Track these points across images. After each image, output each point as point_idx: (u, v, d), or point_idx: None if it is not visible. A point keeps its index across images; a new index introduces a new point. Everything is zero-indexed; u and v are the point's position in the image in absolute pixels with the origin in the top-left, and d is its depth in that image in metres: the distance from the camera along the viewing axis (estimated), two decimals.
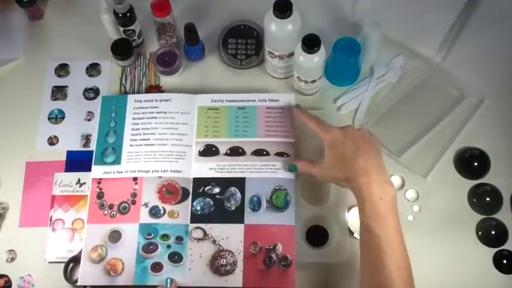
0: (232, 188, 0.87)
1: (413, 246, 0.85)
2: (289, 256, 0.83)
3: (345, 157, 0.78)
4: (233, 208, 0.86)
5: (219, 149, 0.90)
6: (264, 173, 0.88)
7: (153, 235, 0.85)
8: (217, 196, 0.87)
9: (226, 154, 0.90)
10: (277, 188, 0.87)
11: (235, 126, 0.92)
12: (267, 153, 0.89)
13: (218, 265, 0.83)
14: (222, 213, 0.86)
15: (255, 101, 0.93)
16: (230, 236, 0.84)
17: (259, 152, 0.89)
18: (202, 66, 1.01)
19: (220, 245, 0.84)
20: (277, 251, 0.83)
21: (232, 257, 0.83)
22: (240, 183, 0.87)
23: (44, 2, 1.07)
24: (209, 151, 0.90)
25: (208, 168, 0.89)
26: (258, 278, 0.82)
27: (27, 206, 0.90)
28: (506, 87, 0.96)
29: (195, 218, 0.86)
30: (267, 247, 0.84)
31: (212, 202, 0.87)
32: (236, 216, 0.86)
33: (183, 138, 0.91)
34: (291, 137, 0.90)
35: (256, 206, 0.86)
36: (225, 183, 0.88)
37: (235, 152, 0.90)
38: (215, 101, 0.94)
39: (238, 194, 0.87)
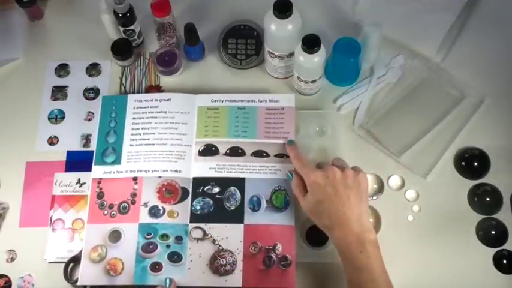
0: (232, 188, 0.87)
1: (413, 246, 0.85)
2: (289, 256, 0.83)
3: (323, 205, 0.76)
4: (233, 208, 0.86)
5: (219, 148, 0.90)
6: (263, 174, 0.88)
7: (152, 235, 0.85)
8: (217, 196, 0.87)
9: (226, 154, 0.90)
10: (277, 188, 0.87)
11: (235, 126, 0.91)
12: (267, 155, 0.89)
13: (218, 265, 0.83)
14: (221, 213, 0.86)
15: (255, 101, 0.93)
16: (230, 236, 0.84)
17: (258, 153, 0.89)
18: (202, 66, 1.01)
19: (219, 245, 0.84)
20: (276, 251, 0.83)
21: (231, 257, 0.83)
22: (239, 183, 0.87)
23: (44, 2, 1.07)
24: (209, 151, 0.90)
25: (208, 168, 0.89)
26: (257, 278, 0.82)
27: (27, 206, 0.90)
28: (506, 87, 0.96)
29: (195, 217, 0.86)
30: (267, 247, 0.83)
31: (212, 202, 0.87)
32: (236, 216, 0.85)
33: (182, 138, 0.91)
34: (290, 137, 0.90)
35: (256, 206, 0.86)
36: (224, 183, 0.88)
37: (235, 152, 0.90)
38: (215, 101, 0.94)
39: (238, 194, 0.87)
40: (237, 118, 0.92)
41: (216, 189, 0.87)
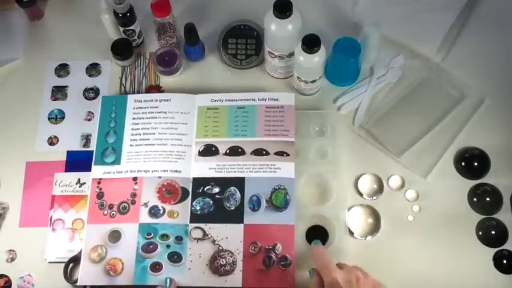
0: (232, 188, 0.87)
1: (413, 246, 0.85)
2: (289, 256, 0.83)
3: None
4: (233, 208, 0.86)
5: (219, 148, 0.90)
6: (263, 173, 0.88)
7: (152, 235, 0.85)
8: (217, 196, 0.87)
9: (225, 154, 0.90)
10: (277, 187, 0.87)
11: (235, 125, 0.92)
12: (267, 153, 0.89)
13: (217, 265, 0.83)
14: (221, 213, 0.86)
15: (254, 100, 0.93)
16: (230, 236, 0.84)
17: (258, 152, 0.89)
18: (202, 66, 1.01)
19: (219, 245, 0.84)
20: (276, 251, 0.83)
21: (231, 257, 0.83)
22: (239, 183, 0.87)
23: (44, 2, 1.07)
24: (209, 151, 0.90)
25: (207, 168, 0.89)
26: (257, 278, 0.82)
27: (27, 206, 0.90)
28: (506, 87, 0.96)
29: (195, 217, 0.86)
30: (267, 247, 0.83)
31: (212, 202, 0.87)
32: (236, 216, 0.85)
33: (182, 138, 0.91)
34: (290, 136, 0.90)
35: (255, 205, 0.86)
36: (224, 183, 0.88)
37: (235, 151, 0.90)
38: (215, 101, 0.94)
39: (238, 194, 0.87)
40: (237, 117, 0.92)
41: (216, 189, 0.87)
